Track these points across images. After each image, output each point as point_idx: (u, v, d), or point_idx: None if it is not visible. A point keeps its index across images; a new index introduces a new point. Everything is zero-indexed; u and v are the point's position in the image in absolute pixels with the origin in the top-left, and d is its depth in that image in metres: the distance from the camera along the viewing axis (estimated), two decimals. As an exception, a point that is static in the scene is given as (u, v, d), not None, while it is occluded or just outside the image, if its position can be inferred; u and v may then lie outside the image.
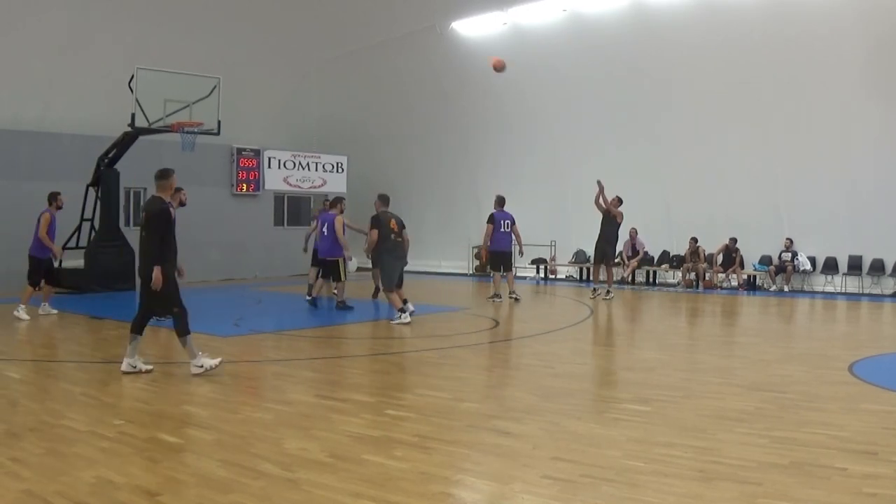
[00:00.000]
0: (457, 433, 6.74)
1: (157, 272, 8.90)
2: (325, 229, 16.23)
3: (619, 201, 18.74)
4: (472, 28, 25.75)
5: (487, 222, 18.07)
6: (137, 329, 9.21)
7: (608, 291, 18.71)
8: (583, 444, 6.27)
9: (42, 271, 14.94)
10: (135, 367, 9.15)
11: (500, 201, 18.13)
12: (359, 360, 10.73)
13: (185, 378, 9.11)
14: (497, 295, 17.85)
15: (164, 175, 9.36)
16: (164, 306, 9.33)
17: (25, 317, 14.34)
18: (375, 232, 13.90)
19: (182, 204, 12.17)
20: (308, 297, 16.84)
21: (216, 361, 9.21)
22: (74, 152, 20.60)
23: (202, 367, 9.10)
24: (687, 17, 21.13)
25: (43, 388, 8.50)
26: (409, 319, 13.77)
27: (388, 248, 14.07)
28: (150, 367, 9.29)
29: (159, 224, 9.06)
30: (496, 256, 18.11)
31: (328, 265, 16.37)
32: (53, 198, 15.23)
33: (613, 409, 7.54)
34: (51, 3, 21.27)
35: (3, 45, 20.58)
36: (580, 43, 22.99)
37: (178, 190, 11.24)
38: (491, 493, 5.24)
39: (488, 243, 18.00)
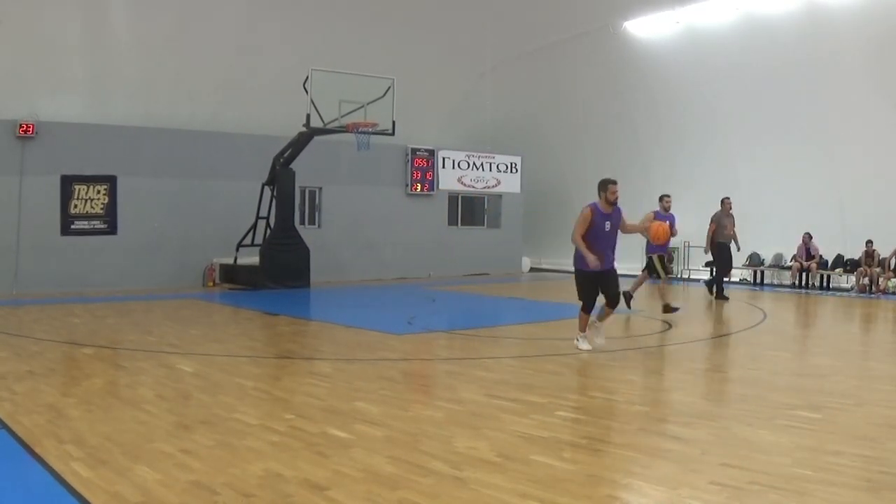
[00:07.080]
0: (626, 436, 6.67)
1: None
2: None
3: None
4: (644, 28, 25.28)
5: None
6: None
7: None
8: (752, 450, 6.12)
9: None
10: None
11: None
12: (530, 361, 10.55)
13: (357, 374, 9.15)
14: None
15: None
16: None
17: None
18: None
19: None
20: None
21: None
22: (249, 152, 21.26)
23: None
24: (864, 15, 19.93)
25: (215, 382, 8.69)
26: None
27: None
28: None
29: None
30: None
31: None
32: None
33: (784, 416, 7.28)
34: (226, 4, 21.97)
35: (179, 47, 21.34)
36: (754, 43, 22.21)
37: None
38: (658, 498, 5.14)
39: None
